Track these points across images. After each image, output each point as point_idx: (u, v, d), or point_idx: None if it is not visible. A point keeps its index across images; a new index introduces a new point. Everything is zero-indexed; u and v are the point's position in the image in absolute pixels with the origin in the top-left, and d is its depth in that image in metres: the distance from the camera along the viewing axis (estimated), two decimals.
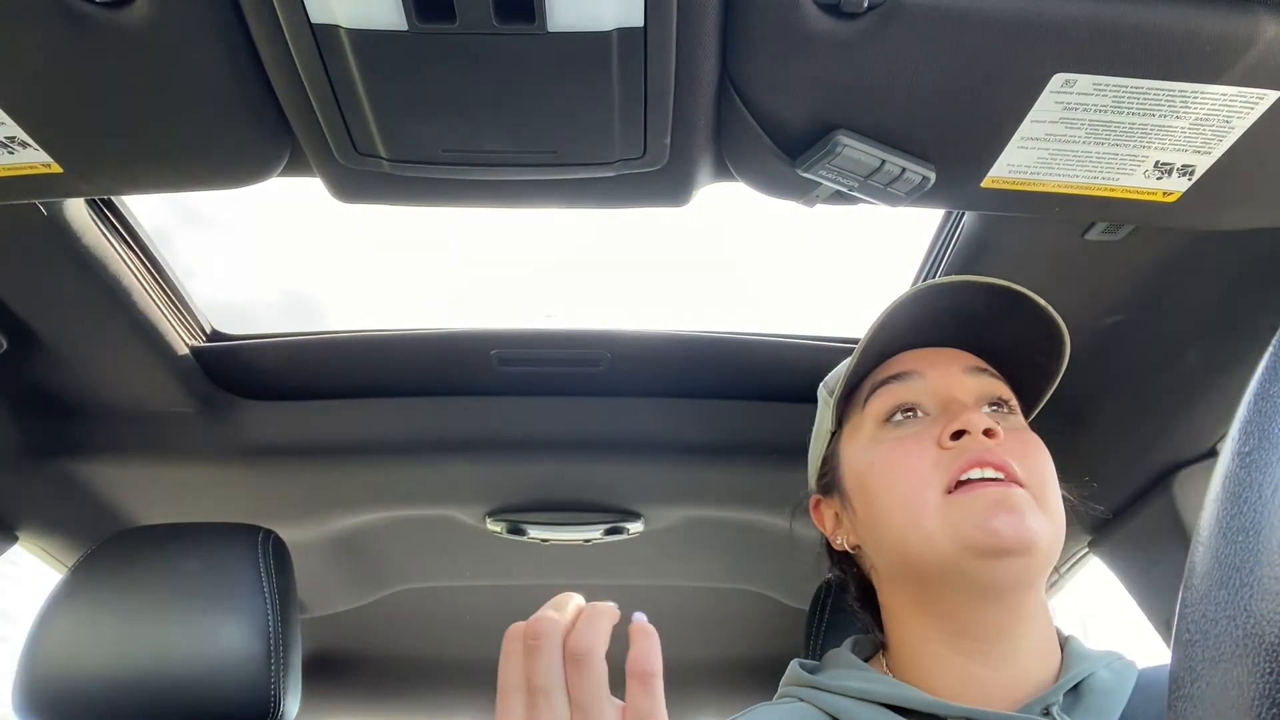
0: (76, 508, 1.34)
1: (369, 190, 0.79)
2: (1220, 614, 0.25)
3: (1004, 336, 0.84)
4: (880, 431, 0.82)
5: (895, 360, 0.85)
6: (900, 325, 0.83)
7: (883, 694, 0.75)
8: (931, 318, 0.83)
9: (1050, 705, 0.73)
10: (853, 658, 0.84)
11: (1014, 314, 0.82)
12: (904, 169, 0.73)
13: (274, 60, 0.65)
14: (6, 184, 0.76)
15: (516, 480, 1.35)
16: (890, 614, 0.84)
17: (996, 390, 0.83)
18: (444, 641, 1.83)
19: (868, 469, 0.81)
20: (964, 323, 0.83)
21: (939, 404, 0.81)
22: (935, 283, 0.81)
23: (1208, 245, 0.93)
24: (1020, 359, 0.85)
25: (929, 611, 0.78)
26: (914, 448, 0.78)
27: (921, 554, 0.75)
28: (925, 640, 0.79)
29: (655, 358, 1.22)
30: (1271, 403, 0.26)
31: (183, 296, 1.16)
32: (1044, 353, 0.84)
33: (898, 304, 0.81)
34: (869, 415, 0.84)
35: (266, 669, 1.03)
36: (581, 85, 0.65)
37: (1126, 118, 0.69)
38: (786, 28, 0.63)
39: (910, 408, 0.82)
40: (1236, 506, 0.26)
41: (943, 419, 0.79)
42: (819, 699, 0.79)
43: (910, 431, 0.80)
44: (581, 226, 1.33)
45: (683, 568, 1.60)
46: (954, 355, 0.85)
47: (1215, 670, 0.25)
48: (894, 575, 0.82)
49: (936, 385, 0.82)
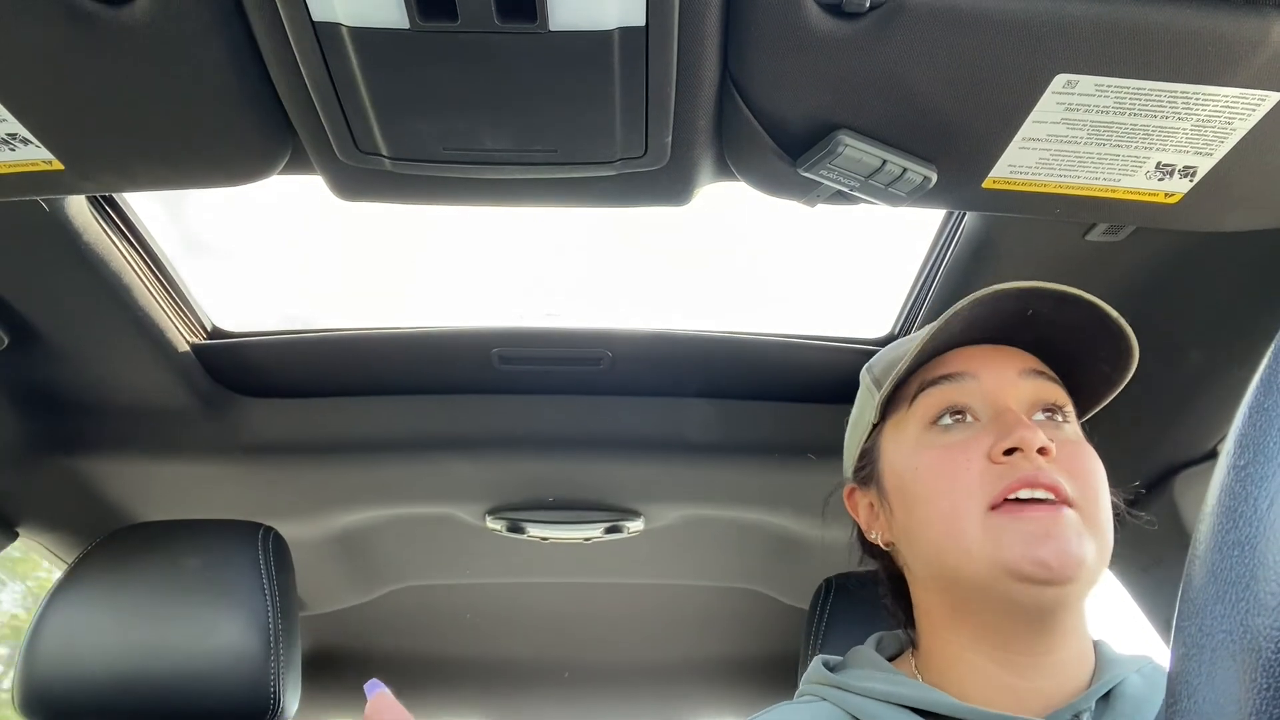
0: (77, 504, 1.34)
1: (370, 188, 0.79)
2: (1217, 628, 0.25)
3: (1069, 341, 0.80)
4: (926, 435, 0.78)
5: (948, 358, 0.80)
6: (957, 321, 0.77)
7: (910, 698, 0.73)
8: (992, 319, 0.78)
9: (1081, 713, 0.71)
10: (878, 658, 0.82)
11: (1082, 322, 0.78)
12: (905, 169, 0.72)
13: (276, 58, 0.65)
14: (8, 181, 0.76)
15: (517, 479, 1.35)
16: (924, 615, 0.81)
17: (1052, 395, 0.78)
18: (443, 639, 1.83)
19: (911, 475, 0.78)
20: (1026, 323, 0.79)
21: (991, 410, 0.77)
22: (1004, 288, 0.76)
23: (1209, 247, 0.93)
24: (1084, 364, 0.81)
25: (964, 621, 0.76)
26: (961, 458, 0.74)
27: (960, 569, 0.73)
28: (958, 645, 0.76)
29: (656, 357, 1.22)
30: (1267, 416, 0.26)
31: (184, 293, 1.16)
32: (1109, 361, 0.80)
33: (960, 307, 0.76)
34: (915, 414, 0.79)
35: (266, 666, 1.03)
36: (583, 84, 0.65)
37: (1128, 119, 0.69)
38: (788, 27, 0.63)
39: (960, 410, 0.77)
40: (1232, 520, 0.26)
41: (994, 429, 0.75)
42: (843, 699, 0.76)
43: (958, 439, 0.76)
44: (582, 225, 1.33)
45: (682, 566, 1.61)
46: (1010, 356, 0.80)
47: (1211, 685, 0.25)
48: (928, 580, 0.79)
49: (990, 389, 0.77)
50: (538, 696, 1.86)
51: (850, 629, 1.09)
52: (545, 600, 1.74)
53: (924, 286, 1.13)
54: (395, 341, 1.22)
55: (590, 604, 1.76)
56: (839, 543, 0.93)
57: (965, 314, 0.76)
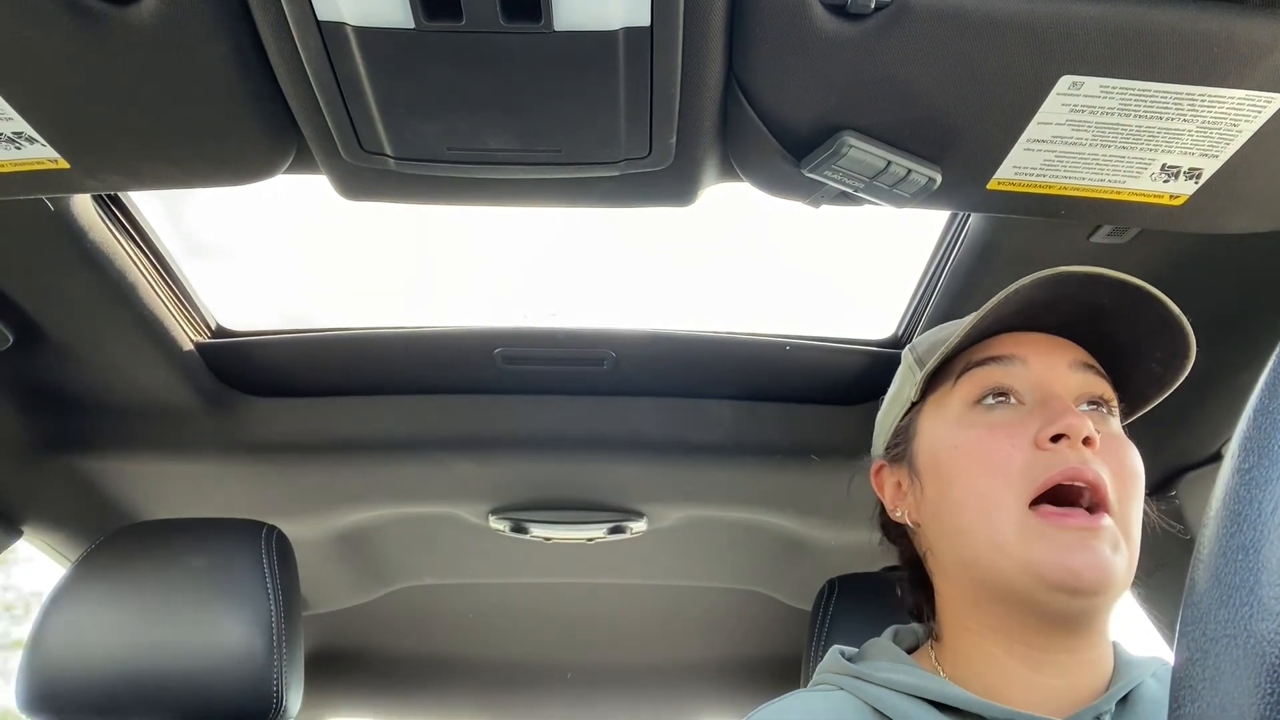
0: (81, 502, 1.34)
1: (374, 188, 0.79)
2: (1220, 633, 0.25)
3: (1122, 335, 0.78)
4: (969, 413, 0.76)
5: (996, 341, 0.79)
6: (1011, 305, 0.75)
7: (929, 690, 0.72)
8: (1048, 304, 0.76)
9: (1102, 715, 0.70)
10: (896, 649, 0.80)
11: (1140, 315, 0.76)
12: (910, 170, 0.72)
13: (281, 57, 0.65)
14: (14, 179, 0.76)
15: (520, 479, 1.35)
16: (944, 603, 0.80)
17: (1100, 389, 0.77)
18: (446, 639, 1.83)
19: (950, 452, 0.76)
20: (1081, 313, 0.77)
21: (1038, 396, 0.75)
22: (1064, 271, 0.73)
23: (1214, 248, 0.93)
24: (1134, 360, 0.79)
25: (986, 612, 0.75)
26: (1005, 440, 0.73)
27: (988, 560, 0.72)
28: (979, 637, 0.75)
29: (659, 357, 1.22)
30: (1271, 419, 0.26)
31: (188, 292, 1.17)
32: (1162, 362, 0.78)
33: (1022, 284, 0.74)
34: (958, 393, 0.78)
35: (269, 665, 1.03)
36: (588, 84, 0.65)
37: (1133, 120, 0.69)
38: (793, 28, 0.63)
39: (1004, 392, 0.76)
40: (1236, 524, 0.26)
41: (1042, 414, 0.73)
42: (861, 689, 0.75)
43: (1003, 419, 0.74)
44: (586, 225, 1.33)
45: (685, 567, 1.61)
46: (1061, 346, 0.78)
47: (1215, 690, 0.25)
48: (953, 566, 0.77)
49: (1038, 376, 0.76)
50: (540, 697, 1.87)
51: (853, 630, 1.09)
52: (548, 601, 1.74)
53: (929, 288, 1.13)
54: (399, 341, 1.22)
55: (593, 605, 1.76)
56: (845, 544, 0.93)
57: (1025, 294, 0.75)
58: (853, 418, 1.25)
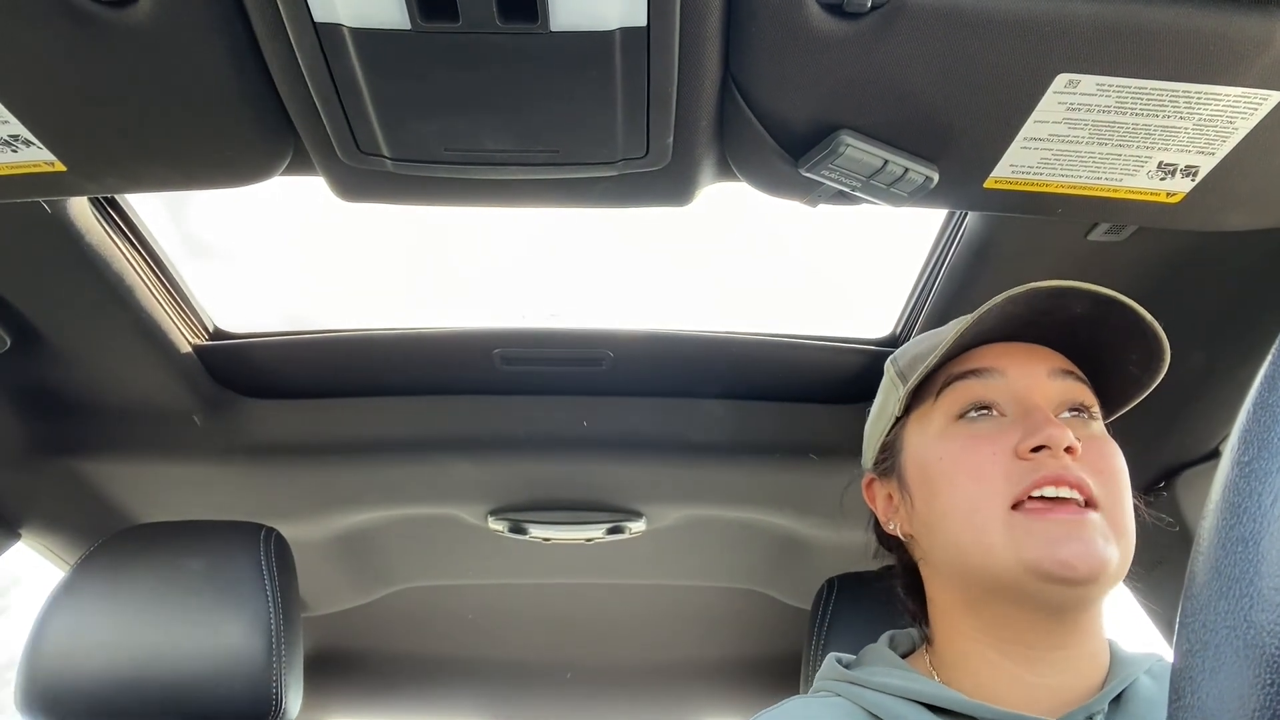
0: (79, 505, 1.34)
1: (372, 189, 0.79)
2: (1220, 624, 0.25)
3: (1100, 340, 0.80)
4: (952, 426, 0.78)
5: (976, 354, 0.80)
6: (989, 319, 0.77)
7: (924, 693, 0.73)
8: (1024, 316, 0.78)
9: (1094, 714, 0.71)
10: (892, 654, 0.82)
11: (1115, 322, 0.78)
12: (907, 169, 0.72)
13: (277, 59, 0.65)
14: (10, 182, 0.76)
15: (518, 479, 1.35)
16: (938, 609, 0.81)
17: (1079, 396, 0.79)
18: (445, 640, 1.83)
19: (935, 463, 0.78)
20: (1057, 322, 0.79)
21: (1018, 407, 0.77)
22: (1039, 286, 0.76)
23: (1211, 246, 0.93)
24: (1113, 364, 0.81)
25: (979, 615, 0.76)
26: (987, 449, 0.75)
27: (979, 564, 0.73)
28: (973, 641, 0.77)
29: (658, 357, 1.22)
30: (1271, 412, 0.26)
31: (186, 295, 1.17)
32: (1139, 364, 0.80)
33: (995, 303, 0.76)
34: (941, 407, 0.80)
35: (268, 667, 1.03)
36: (584, 85, 0.65)
37: (1130, 118, 0.69)
38: (790, 27, 0.63)
39: (986, 406, 0.78)
40: (1236, 516, 0.26)
41: (1022, 425, 0.75)
42: (859, 695, 0.76)
43: (985, 430, 0.76)
44: (584, 226, 1.33)
45: (684, 567, 1.61)
46: (1040, 355, 0.80)
47: (1215, 681, 0.25)
48: (946, 574, 0.79)
49: (1017, 387, 0.78)
50: (540, 697, 1.86)
51: (853, 629, 1.09)
52: (547, 601, 1.74)
53: (926, 286, 1.13)
54: (397, 342, 1.22)
55: (592, 605, 1.76)
56: (844, 542, 0.93)
57: (999, 310, 0.76)
58: (851, 417, 1.25)
